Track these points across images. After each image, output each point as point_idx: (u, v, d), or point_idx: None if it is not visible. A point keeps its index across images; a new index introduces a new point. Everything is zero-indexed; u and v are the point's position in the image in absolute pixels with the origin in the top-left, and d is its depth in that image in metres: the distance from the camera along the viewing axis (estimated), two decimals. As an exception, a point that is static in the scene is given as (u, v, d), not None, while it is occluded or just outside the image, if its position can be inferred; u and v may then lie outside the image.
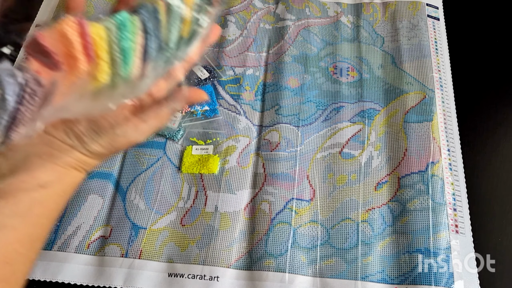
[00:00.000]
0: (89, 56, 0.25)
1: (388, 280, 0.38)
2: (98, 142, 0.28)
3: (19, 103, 0.24)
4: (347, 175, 0.44)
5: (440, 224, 0.40)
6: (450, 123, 0.47)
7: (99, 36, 0.25)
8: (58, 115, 0.25)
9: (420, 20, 0.53)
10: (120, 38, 0.25)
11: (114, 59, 0.26)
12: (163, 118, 0.30)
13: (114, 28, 0.25)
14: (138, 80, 0.27)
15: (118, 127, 0.28)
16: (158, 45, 0.27)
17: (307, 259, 0.40)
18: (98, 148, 0.28)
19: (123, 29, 0.25)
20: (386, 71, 0.50)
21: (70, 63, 0.25)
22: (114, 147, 0.28)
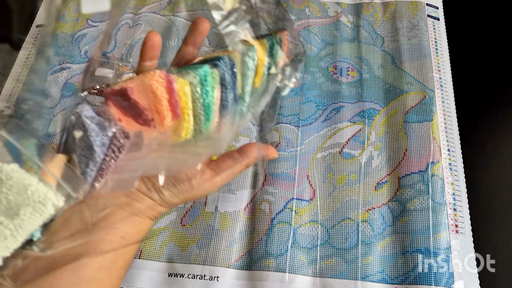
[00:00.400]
0: (175, 113, 0.25)
1: (388, 280, 0.38)
2: (175, 194, 0.29)
3: (106, 154, 0.24)
4: (347, 175, 0.44)
5: (440, 224, 0.40)
6: (450, 123, 0.47)
7: (184, 93, 0.25)
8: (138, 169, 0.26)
9: (420, 20, 0.53)
10: (203, 94, 0.25)
11: (197, 115, 0.26)
12: (236, 173, 0.31)
13: (197, 83, 0.25)
14: (216, 134, 0.27)
15: (194, 180, 0.29)
16: (234, 98, 0.27)
17: (307, 259, 0.40)
18: (174, 200, 0.29)
19: (206, 84, 0.25)
20: (386, 71, 0.50)
21: (155, 118, 0.25)
22: (188, 198, 0.30)
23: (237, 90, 0.27)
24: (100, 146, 0.24)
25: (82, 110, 0.25)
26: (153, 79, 0.24)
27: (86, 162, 0.24)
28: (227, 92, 0.26)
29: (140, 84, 0.24)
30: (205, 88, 0.25)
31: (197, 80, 0.25)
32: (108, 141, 0.24)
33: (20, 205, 0.22)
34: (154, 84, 0.24)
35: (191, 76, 0.25)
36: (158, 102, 0.24)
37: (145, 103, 0.24)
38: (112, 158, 0.24)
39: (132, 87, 0.24)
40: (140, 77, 0.25)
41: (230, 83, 0.27)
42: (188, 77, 0.25)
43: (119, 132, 0.24)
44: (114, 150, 0.24)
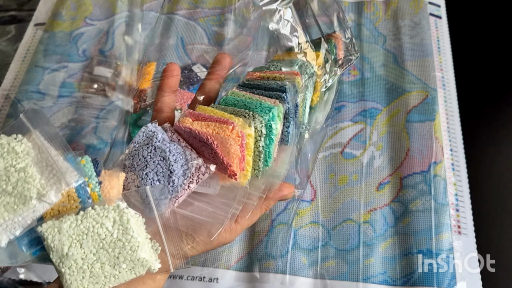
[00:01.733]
0: (242, 169, 0.25)
1: (390, 282, 0.38)
2: (194, 247, 0.28)
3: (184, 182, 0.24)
4: (349, 175, 0.43)
5: (443, 225, 0.39)
6: (453, 123, 0.46)
7: (250, 148, 0.25)
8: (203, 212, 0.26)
9: (422, 18, 0.52)
10: (266, 141, 0.25)
11: (256, 163, 0.26)
12: (255, 219, 0.30)
13: (264, 131, 0.25)
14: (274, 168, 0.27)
15: (214, 232, 0.27)
16: (295, 128, 0.27)
17: (308, 261, 0.39)
18: (192, 252, 0.28)
19: (271, 131, 0.25)
20: (388, 70, 0.50)
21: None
22: (207, 249, 0.28)
23: (297, 119, 0.27)
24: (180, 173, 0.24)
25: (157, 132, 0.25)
26: (231, 136, 0.24)
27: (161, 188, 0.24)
28: (289, 127, 0.26)
29: (218, 138, 0.24)
30: (269, 136, 0.25)
31: (263, 126, 0.25)
32: (188, 170, 0.24)
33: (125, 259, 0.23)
34: (230, 142, 0.24)
35: (258, 121, 0.25)
36: (231, 159, 0.24)
37: (225, 156, 0.25)
38: (189, 187, 0.25)
39: (214, 140, 0.24)
40: (216, 126, 0.25)
41: (293, 115, 0.26)
42: (255, 123, 0.25)
43: (203, 163, 0.25)
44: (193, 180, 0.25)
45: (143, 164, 0.24)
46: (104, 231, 0.22)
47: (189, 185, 0.25)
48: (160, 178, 0.24)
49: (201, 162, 0.25)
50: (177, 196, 0.25)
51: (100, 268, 0.22)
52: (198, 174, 0.25)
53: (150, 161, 0.24)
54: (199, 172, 0.25)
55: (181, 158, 0.24)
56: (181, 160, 0.24)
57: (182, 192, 0.25)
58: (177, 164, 0.24)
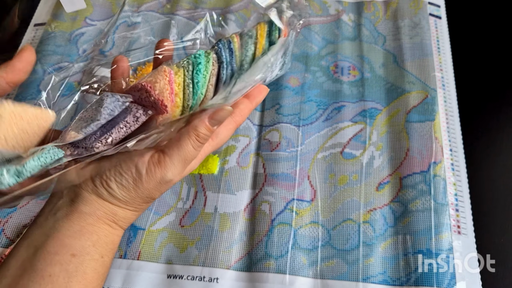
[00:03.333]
0: (172, 101, 0.28)
1: (390, 282, 0.38)
2: (123, 184, 0.26)
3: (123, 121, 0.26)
4: (349, 175, 0.43)
5: (442, 225, 0.39)
6: (453, 123, 0.46)
7: (179, 83, 0.28)
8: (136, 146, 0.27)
9: (422, 18, 0.52)
10: (194, 76, 0.29)
11: (186, 94, 0.29)
12: (187, 148, 0.27)
13: (190, 67, 0.29)
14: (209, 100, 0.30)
15: (141, 165, 0.26)
16: (231, 70, 0.31)
17: (308, 261, 0.39)
18: (124, 192, 0.26)
19: (197, 65, 0.29)
20: (388, 70, 0.50)
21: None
22: (140, 188, 0.26)
23: (235, 64, 0.31)
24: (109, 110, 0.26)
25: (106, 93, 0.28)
26: (159, 73, 0.28)
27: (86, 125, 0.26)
28: (224, 68, 0.30)
29: (151, 80, 0.28)
30: (196, 69, 0.29)
31: (189, 64, 0.29)
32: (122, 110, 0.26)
33: None
34: (158, 78, 0.28)
35: (185, 61, 0.29)
36: (161, 93, 0.27)
37: (155, 93, 0.27)
38: (126, 127, 0.26)
39: (146, 82, 0.28)
40: (153, 73, 0.29)
41: (227, 59, 0.30)
42: (182, 63, 0.29)
43: (139, 107, 0.27)
44: (130, 120, 0.26)
45: (84, 114, 0.27)
46: None
47: (123, 125, 0.26)
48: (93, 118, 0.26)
49: (137, 107, 0.27)
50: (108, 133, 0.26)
51: None
52: (134, 116, 0.27)
53: (89, 109, 0.27)
54: (135, 115, 0.27)
55: (116, 101, 0.26)
56: (116, 102, 0.26)
57: (114, 130, 0.26)
58: (110, 105, 0.26)
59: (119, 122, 0.26)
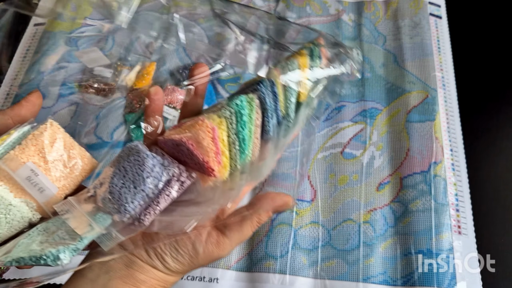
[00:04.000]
0: (219, 163, 0.25)
1: (390, 282, 0.38)
2: (179, 259, 0.26)
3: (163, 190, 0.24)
4: (349, 175, 0.43)
5: (443, 225, 0.39)
6: (453, 123, 0.46)
7: (222, 139, 0.25)
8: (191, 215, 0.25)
9: (422, 18, 0.52)
10: (238, 128, 0.25)
11: (233, 153, 0.26)
12: (246, 232, 0.27)
13: (233, 118, 0.25)
14: (258, 163, 0.27)
15: (199, 244, 0.26)
16: (277, 120, 0.27)
17: (308, 261, 0.39)
18: (179, 266, 0.26)
19: (241, 116, 0.25)
20: (388, 70, 0.49)
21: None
22: (194, 264, 0.27)
23: (279, 111, 0.27)
24: (153, 179, 0.24)
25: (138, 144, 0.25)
26: (201, 129, 0.24)
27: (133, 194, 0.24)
28: (268, 117, 0.26)
29: (191, 136, 0.25)
30: (240, 122, 0.25)
31: (232, 114, 0.25)
32: (167, 177, 0.24)
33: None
34: (201, 135, 0.24)
35: (227, 111, 0.25)
36: (205, 154, 0.24)
37: (200, 153, 0.25)
38: (171, 194, 0.24)
39: (187, 139, 0.25)
40: (188, 126, 0.25)
41: (272, 106, 0.26)
42: (224, 113, 0.25)
43: (182, 169, 0.25)
44: (175, 187, 0.24)
45: (122, 174, 0.25)
46: None
47: (169, 192, 0.25)
48: (137, 185, 0.24)
49: (180, 169, 0.25)
50: (156, 204, 0.24)
51: None
52: (178, 181, 0.25)
53: (129, 171, 0.25)
54: (179, 179, 0.25)
55: (159, 166, 0.24)
56: (159, 169, 0.24)
57: (162, 200, 0.24)
58: (154, 172, 0.24)
59: (164, 189, 0.24)
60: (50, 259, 0.22)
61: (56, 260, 0.22)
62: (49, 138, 0.26)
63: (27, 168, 0.25)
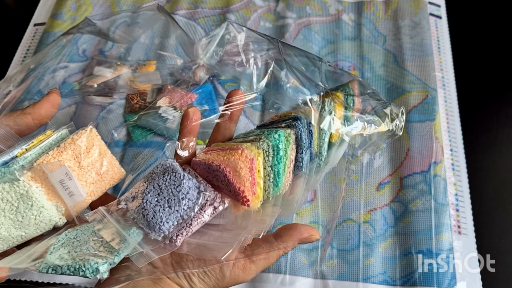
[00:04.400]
0: (253, 193, 0.26)
1: (390, 282, 0.38)
2: (205, 281, 0.27)
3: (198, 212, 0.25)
4: (349, 175, 0.43)
5: (443, 225, 0.39)
6: (453, 123, 0.46)
7: (259, 170, 0.26)
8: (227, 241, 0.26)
9: (422, 18, 0.52)
10: (274, 161, 0.26)
11: (267, 185, 0.26)
12: (272, 260, 0.28)
13: (270, 151, 0.26)
14: (289, 196, 0.28)
15: (226, 267, 0.27)
16: (310, 157, 0.28)
17: (308, 261, 0.39)
18: (204, 286, 0.27)
19: (278, 151, 0.26)
20: (388, 70, 0.49)
21: None
22: (220, 286, 0.27)
23: (313, 148, 0.28)
24: (188, 201, 0.25)
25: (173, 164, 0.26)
26: (240, 159, 0.25)
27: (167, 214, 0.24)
28: (302, 153, 0.27)
29: (229, 164, 0.25)
30: (277, 156, 0.26)
31: (270, 147, 0.26)
32: (202, 201, 0.25)
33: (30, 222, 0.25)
34: (240, 165, 0.25)
35: (265, 143, 0.26)
36: (242, 183, 0.25)
37: (237, 183, 0.25)
38: (204, 218, 0.25)
39: (226, 166, 0.25)
40: (226, 153, 0.26)
41: (307, 143, 0.27)
42: (262, 145, 0.26)
43: (216, 195, 0.25)
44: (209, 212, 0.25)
45: (157, 191, 0.25)
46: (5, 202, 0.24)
47: (202, 216, 0.25)
48: (172, 205, 0.25)
49: (215, 194, 0.25)
50: (188, 226, 0.25)
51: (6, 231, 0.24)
52: (212, 206, 0.25)
53: (164, 189, 0.25)
54: (213, 204, 0.25)
55: (195, 189, 0.25)
56: (194, 191, 0.25)
57: (195, 223, 0.25)
58: (190, 194, 0.25)
59: (198, 212, 0.25)
60: (89, 271, 0.23)
61: (95, 273, 0.23)
62: (87, 143, 0.27)
63: (62, 171, 0.25)
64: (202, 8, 0.56)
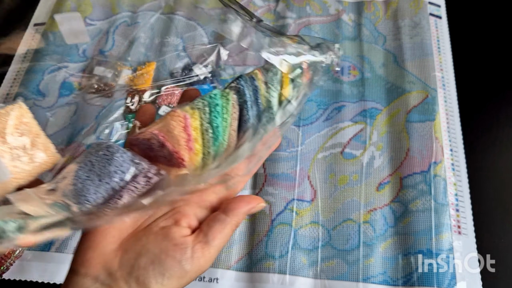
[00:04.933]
0: (190, 149, 0.25)
1: (390, 282, 0.38)
2: (164, 284, 0.24)
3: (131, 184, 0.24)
4: (349, 175, 0.43)
5: (443, 225, 0.39)
6: (453, 123, 0.46)
7: (196, 127, 0.25)
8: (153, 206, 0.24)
9: (422, 18, 0.52)
10: (211, 117, 0.25)
11: (206, 140, 0.25)
12: (228, 236, 0.27)
13: (207, 109, 0.25)
14: (234, 149, 0.26)
15: (185, 261, 0.25)
16: (258, 111, 0.27)
17: (308, 261, 0.39)
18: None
19: (214, 106, 0.25)
20: (388, 70, 0.49)
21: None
22: (185, 282, 0.25)
23: (260, 104, 0.27)
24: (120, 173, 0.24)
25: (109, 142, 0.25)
26: (172, 119, 0.24)
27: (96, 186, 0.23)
28: (248, 108, 0.26)
29: (163, 127, 0.25)
30: (214, 111, 0.25)
31: (205, 105, 0.25)
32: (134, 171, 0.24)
33: None
34: (172, 124, 0.24)
35: (200, 102, 0.26)
36: (177, 142, 0.24)
37: (170, 143, 0.24)
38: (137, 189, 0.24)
39: (159, 130, 0.24)
40: (163, 118, 0.25)
41: (251, 98, 0.27)
42: (197, 104, 0.25)
43: (151, 166, 0.24)
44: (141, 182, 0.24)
45: (88, 167, 0.24)
46: None
47: (134, 186, 0.24)
48: (102, 178, 0.24)
49: (150, 166, 0.25)
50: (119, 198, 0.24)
51: None
52: (145, 177, 0.24)
53: (96, 164, 0.24)
54: (147, 175, 0.24)
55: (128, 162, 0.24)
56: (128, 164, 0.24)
57: (125, 194, 0.24)
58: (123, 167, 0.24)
59: (129, 183, 0.24)
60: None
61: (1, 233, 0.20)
62: (15, 119, 0.24)
63: None
64: (202, 8, 0.56)
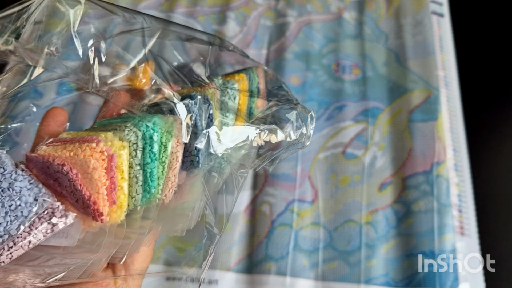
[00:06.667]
0: (113, 202, 0.19)
1: (392, 283, 0.38)
2: None
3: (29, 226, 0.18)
4: (350, 175, 0.43)
5: (445, 225, 0.39)
6: (456, 123, 0.46)
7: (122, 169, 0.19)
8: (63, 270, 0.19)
9: (424, 16, 0.52)
10: (146, 161, 0.19)
11: (135, 189, 0.20)
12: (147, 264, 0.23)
13: (140, 145, 0.19)
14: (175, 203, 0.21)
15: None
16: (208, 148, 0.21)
17: (309, 262, 0.39)
18: None
19: (151, 142, 0.19)
20: (390, 69, 0.49)
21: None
22: None
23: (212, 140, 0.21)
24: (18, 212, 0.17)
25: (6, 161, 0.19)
26: (93, 155, 0.18)
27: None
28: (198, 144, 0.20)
29: (77, 162, 0.18)
30: (149, 151, 0.19)
31: (139, 138, 0.19)
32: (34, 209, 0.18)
33: None
34: (92, 164, 0.18)
35: (132, 133, 0.19)
36: (94, 190, 0.18)
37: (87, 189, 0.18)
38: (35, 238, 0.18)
39: (71, 166, 0.18)
40: (76, 146, 0.19)
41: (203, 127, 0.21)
42: (128, 135, 0.19)
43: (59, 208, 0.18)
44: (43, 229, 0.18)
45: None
46: None
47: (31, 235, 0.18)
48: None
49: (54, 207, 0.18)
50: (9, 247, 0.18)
51: None
52: (47, 222, 0.18)
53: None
54: (51, 221, 0.18)
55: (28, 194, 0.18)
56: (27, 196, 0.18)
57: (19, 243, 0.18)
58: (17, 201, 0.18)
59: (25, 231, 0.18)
60: None
61: None
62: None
63: None
64: (201, 6, 0.55)
